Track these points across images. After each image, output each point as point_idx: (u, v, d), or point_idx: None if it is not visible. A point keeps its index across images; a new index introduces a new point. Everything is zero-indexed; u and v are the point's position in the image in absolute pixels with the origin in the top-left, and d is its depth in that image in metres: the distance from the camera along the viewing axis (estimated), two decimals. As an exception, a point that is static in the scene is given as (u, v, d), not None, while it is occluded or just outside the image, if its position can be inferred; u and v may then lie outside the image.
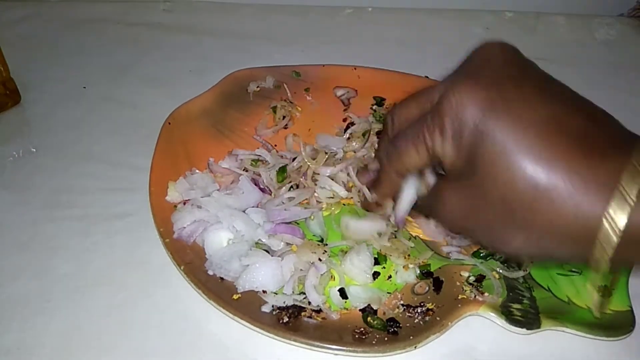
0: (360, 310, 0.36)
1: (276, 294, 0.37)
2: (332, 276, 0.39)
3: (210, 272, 0.37)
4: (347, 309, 0.37)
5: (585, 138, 0.25)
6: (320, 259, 0.38)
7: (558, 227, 0.25)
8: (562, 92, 0.27)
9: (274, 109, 0.52)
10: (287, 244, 0.40)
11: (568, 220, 0.25)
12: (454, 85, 0.27)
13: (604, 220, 0.24)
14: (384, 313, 0.36)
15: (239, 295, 0.36)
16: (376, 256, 0.40)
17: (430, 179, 0.32)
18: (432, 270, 0.39)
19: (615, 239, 0.24)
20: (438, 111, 0.28)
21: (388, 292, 0.38)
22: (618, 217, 0.24)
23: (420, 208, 0.34)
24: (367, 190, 0.39)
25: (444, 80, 0.29)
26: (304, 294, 0.37)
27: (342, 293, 0.37)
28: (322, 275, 0.38)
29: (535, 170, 0.25)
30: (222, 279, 0.37)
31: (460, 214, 0.29)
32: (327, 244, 0.40)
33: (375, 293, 0.37)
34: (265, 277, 0.37)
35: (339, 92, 0.55)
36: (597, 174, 0.24)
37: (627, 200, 0.23)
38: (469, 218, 0.29)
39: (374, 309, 0.36)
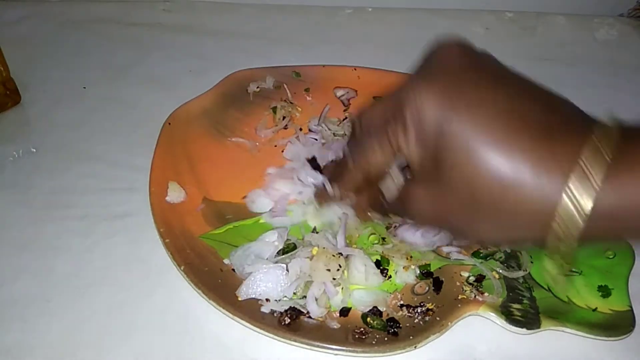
0: (366, 312, 0.36)
1: (277, 300, 0.37)
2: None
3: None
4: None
5: (545, 125, 0.26)
6: (333, 279, 0.37)
7: (525, 213, 0.26)
8: (519, 83, 0.28)
9: (274, 109, 0.52)
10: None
11: (533, 204, 0.25)
12: (414, 86, 0.28)
13: (564, 195, 0.24)
14: (388, 314, 0.36)
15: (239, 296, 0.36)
16: (379, 258, 0.40)
17: (399, 179, 0.32)
18: (432, 270, 0.39)
19: (576, 213, 0.24)
20: (400, 112, 0.28)
21: (388, 293, 0.38)
22: (579, 191, 0.24)
23: (392, 208, 0.34)
24: (327, 182, 0.38)
25: (405, 82, 0.30)
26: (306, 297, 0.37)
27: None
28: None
29: (498, 162, 0.25)
30: (221, 279, 0.37)
31: (431, 212, 0.30)
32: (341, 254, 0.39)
33: (379, 295, 0.37)
34: (268, 286, 0.37)
35: (339, 93, 0.55)
36: (558, 154, 0.25)
37: (587, 174, 0.24)
38: (440, 215, 0.30)
39: (380, 310, 0.36)
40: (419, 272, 0.39)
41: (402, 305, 0.37)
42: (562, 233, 0.25)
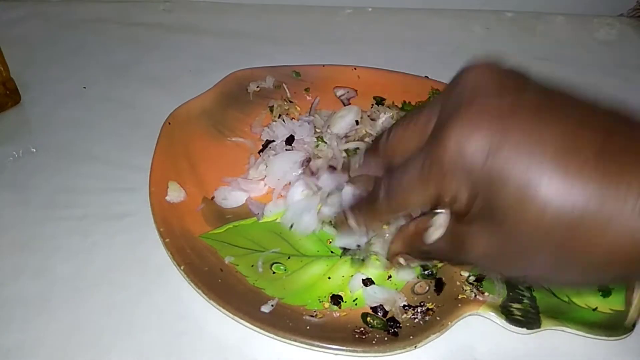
0: (371, 308, 0.36)
1: None
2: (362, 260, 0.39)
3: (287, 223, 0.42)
4: (355, 303, 0.37)
5: (608, 149, 0.22)
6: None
7: (600, 251, 0.23)
8: (567, 103, 0.25)
9: (271, 108, 0.52)
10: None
11: (610, 240, 0.22)
12: (450, 125, 0.25)
13: None
14: (393, 315, 0.36)
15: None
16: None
17: (444, 219, 0.29)
18: (438, 267, 0.39)
19: None
20: (439, 155, 0.25)
21: (401, 293, 0.38)
22: None
23: (435, 253, 0.31)
24: (350, 213, 0.34)
25: (436, 106, 0.27)
26: None
27: (365, 283, 0.38)
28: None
29: (561, 199, 0.22)
30: (221, 279, 0.37)
31: (491, 256, 0.26)
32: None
33: (392, 295, 0.37)
34: None
35: (339, 92, 0.55)
36: (628, 184, 0.22)
37: None
38: (502, 258, 0.26)
39: (386, 310, 0.36)
40: (421, 270, 0.39)
41: (404, 306, 0.37)
42: None
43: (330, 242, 0.41)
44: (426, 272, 0.39)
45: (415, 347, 0.34)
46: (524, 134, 0.23)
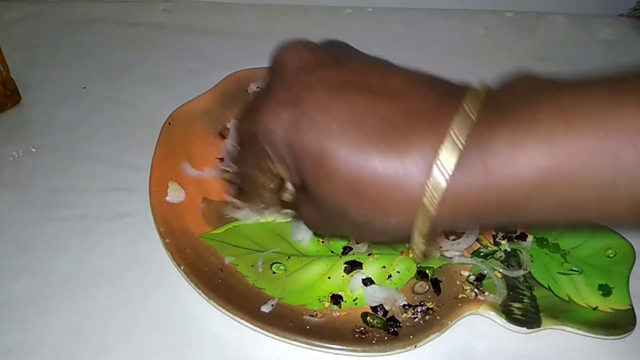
0: (371, 308, 0.36)
1: None
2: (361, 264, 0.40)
3: None
4: (355, 303, 0.37)
5: (391, 119, 0.24)
6: None
7: (395, 199, 0.24)
8: (361, 75, 0.26)
9: None
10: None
11: (392, 199, 0.24)
12: (260, 110, 0.28)
13: (434, 168, 0.23)
14: (393, 314, 0.36)
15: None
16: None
17: (292, 191, 0.33)
18: (434, 269, 0.39)
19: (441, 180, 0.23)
20: (255, 139, 0.28)
21: (401, 293, 0.38)
22: (446, 160, 0.23)
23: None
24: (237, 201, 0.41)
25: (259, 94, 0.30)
26: None
27: (365, 282, 0.38)
28: None
29: (348, 168, 0.24)
30: (221, 279, 0.37)
31: (316, 221, 0.30)
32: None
33: (392, 294, 0.37)
34: None
35: None
36: (405, 149, 0.24)
37: (455, 143, 0.23)
38: (320, 222, 0.30)
39: (386, 309, 0.36)
40: (416, 271, 0.39)
41: (404, 306, 0.37)
42: (430, 204, 0.24)
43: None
44: (419, 275, 0.39)
45: (415, 346, 0.34)
46: (315, 111, 0.25)
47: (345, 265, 0.39)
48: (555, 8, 0.76)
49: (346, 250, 0.40)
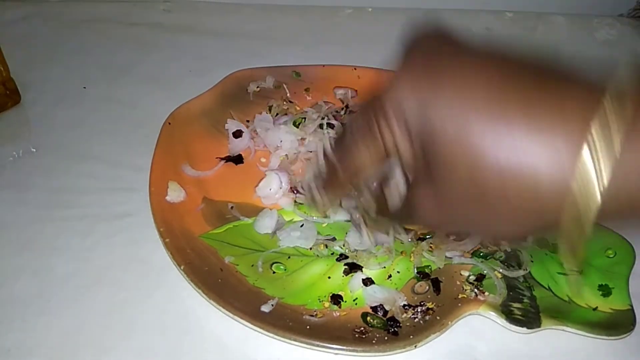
0: (371, 308, 0.36)
1: None
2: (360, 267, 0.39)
3: None
4: (355, 303, 0.37)
5: (535, 103, 0.22)
6: None
7: (534, 197, 0.23)
8: (496, 61, 0.25)
9: (270, 107, 0.52)
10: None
11: (542, 185, 0.22)
12: (393, 81, 0.26)
13: (576, 171, 0.21)
14: (393, 314, 0.36)
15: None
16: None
17: (402, 184, 0.30)
18: (432, 269, 0.39)
19: (592, 186, 0.21)
20: (382, 109, 0.27)
21: (401, 293, 0.38)
22: (593, 163, 0.21)
23: (397, 217, 0.32)
24: (315, 190, 0.35)
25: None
26: None
27: (365, 282, 0.38)
28: None
29: (493, 145, 0.22)
30: (221, 279, 0.37)
31: (436, 214, 0.27)
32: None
33: (392, 294, 0.37)
34: None
35: (339, 92, 0.55)
36: (561, 132, 0.22)
37: (599, 144, 0.21)
38: (445, 215, 0.27)
39: (386, 309, 0.36)
40: (416, 272, 0.39)
41: (404, 306, 0.37)
42: (578, 212, 0.22)
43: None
44: (419, 275, 0.39)
45: (415, 346, 0.34)
46: (454, 89, 0.24)
47: (344, 267, 0.39)
48: (555, 8, 0.76)
49: (341, 257, 0.40)
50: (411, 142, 0.26)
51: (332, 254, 0.40)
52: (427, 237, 0.41)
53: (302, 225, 0.41)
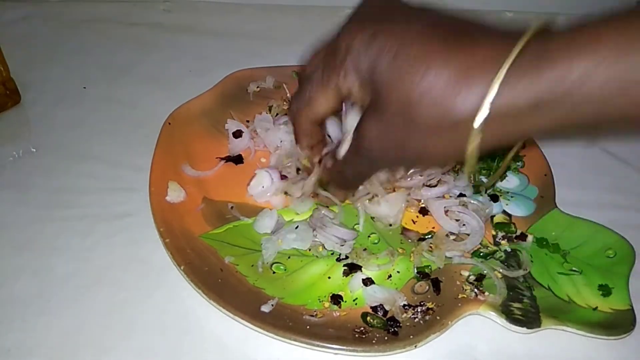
0: (371, 308, 0.36)
1: None
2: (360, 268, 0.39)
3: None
4: (355, 303, 0.37)
5: (465, 36, 0.28)
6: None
7: (447, 124, 0.27)
8: (433, 14, 0.30)
9: (270, 108, 0.52)
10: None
11: (454, 111, 0.27)
12: (343, 32, 0.31)
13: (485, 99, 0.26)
14: (393, 314, 0.36)
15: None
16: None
17: (350, 138, 0.33)
18: (433, 269, 0.39)
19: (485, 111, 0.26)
20: (335, 54, 0.31)
21: (401, 293, 0.38)
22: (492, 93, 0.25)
23: (351, 166, 0.36)
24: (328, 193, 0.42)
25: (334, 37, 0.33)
26: None
27: (365, 282, 0.38)
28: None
29: (421, 76, 0.27)
30: (221, 279, 0.37)
31: (378, 141, 0.31)
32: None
33: (392, 294, 0.37)
34: None
35: None
36: (481, 60, 0.26)
37: (501, 76, 0.25)
38: (385, 141, 0.31)
39: (386, 309, 0.36)
40: (416, 272, 0.39)
41: (404, 306, 0.37)
42: (474, 135, 0.26)
43: None
44: (419, 275, 0.39)
45: (415, 346, 0.34)
46: (395, 23, 0.29)
47: (344, 267, 0.39)
48: (555, 8, 0.76)
49: (341, 258, 0.40)
50: (360, 80, 0.30)
51: (332, 253, 0.40)
52: (427, 237, 0.41)
53: (297, 227, 0.41)
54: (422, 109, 0.27)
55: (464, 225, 0.41)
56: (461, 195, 0.44)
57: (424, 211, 0.44)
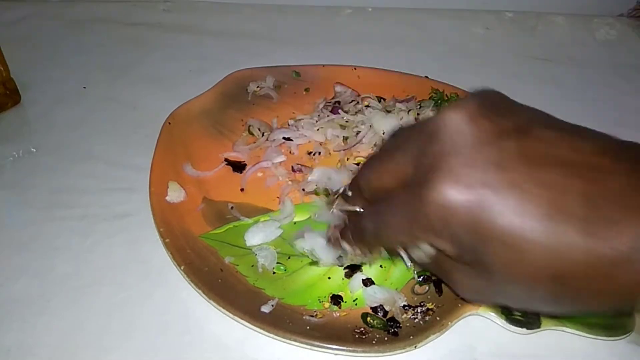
0: (371, 308, 0.36)
1: None
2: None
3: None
4: (354, 304, 0.37)
5: (596, 201, 0.22)
6: None
7: (611, 282, 0.23)
8: (550, 145, 0.24)
9: (250, 129, 0.50)
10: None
11: (619, 272, 0.22)
12: (433, 178, 0.24)
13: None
14: (393, 315, 0.36)
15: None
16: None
17: (427, 249, 0.28)
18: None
19: None
20: (424, 214, 0.25)
21: (401, 294, 0.38)
22: None
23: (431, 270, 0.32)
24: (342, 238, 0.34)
25: (413, 144, 0.27)
26: None
27: (365, 283, 0.38)
28: None
29: (554, 257, 0.23)
30: (221, 279, 0.37)
31: (478, 293, 0.27)
32: None
33: (392, 294, 0.37)
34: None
35: (338, 89, 0.55)
36: (614, 239, 0.22)
37: None
38: (489, 296, 0.27)
39: (386, 309, 0.36)
40: (417, 276, 0.39)
41: (404, 306, 0.36)
42: None
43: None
44: (420, 279, 0.39)
45: (415, 347, 0.34)
46: (509, 190, 0.23)
47: (345, 270, 0.39)
48: (555, 8, 0.76)
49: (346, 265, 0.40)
50: (458, 248, 0.25)
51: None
52: None
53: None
54: (559, 288, 0.23)
55: None
56: None
57: None
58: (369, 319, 0.35)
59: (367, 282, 0.38)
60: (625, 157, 0.23)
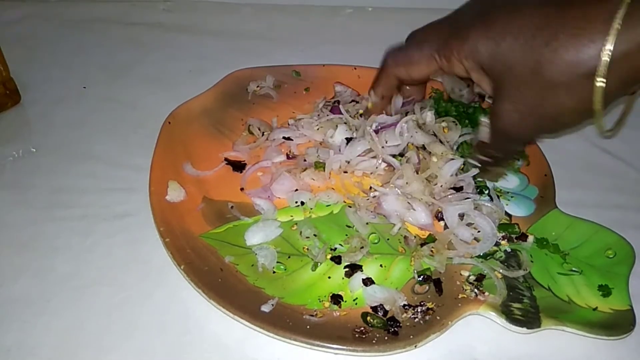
0: (371, 308, 0.36)
1: None
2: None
3: None
4: (355, 303, 0.37)
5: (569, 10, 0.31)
6: None
7: (576, 75, 0.31)
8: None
9: (249, 129, 0.51)
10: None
11: (581, 63, 0.30)
12: (462, 30, 0.37)
13: (602, 51, 0.30)
14: (393, 314, 0.36)
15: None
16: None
17: (486, 122, 0.39)
18: (432, 269, 0.39)
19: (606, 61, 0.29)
20: (451, 49, 0.38)
21: (401, 293, 0.38)
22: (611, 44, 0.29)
23: (495, 145, 0.40)
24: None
25: (450, 21, 0.42)
26: None
27: (365, 282, 0.38)
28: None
29: (547, 39, 0.31)
30: (221, 279, 0.37)
31: (514, 115, 0.35)
32: None
33: (392, 294, 0.37)
34: None
35: (338, 88, 0.55)
36: (594, 16, 0.30)
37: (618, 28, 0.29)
38: (520, 113, 0.35)
39: (386, 309, 0.36)
40: (417, 276, 0.39)
41: (404, 306, 0.36)
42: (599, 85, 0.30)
43: None
44: (420, 278, 0.39)
45: (415, 346, 0.34)
46: (504, 28, 0.34)
47: (345, 269, 0.39)
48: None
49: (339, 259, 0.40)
50: (481, 66, 0.36)
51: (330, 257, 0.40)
52: (428, 242, 0.41)
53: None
54: (554, 67, 0.31)
55: (478, 231, 0.41)
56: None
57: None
58: (369, 318, 0.35)
59: (367, 282, 0.38)
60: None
